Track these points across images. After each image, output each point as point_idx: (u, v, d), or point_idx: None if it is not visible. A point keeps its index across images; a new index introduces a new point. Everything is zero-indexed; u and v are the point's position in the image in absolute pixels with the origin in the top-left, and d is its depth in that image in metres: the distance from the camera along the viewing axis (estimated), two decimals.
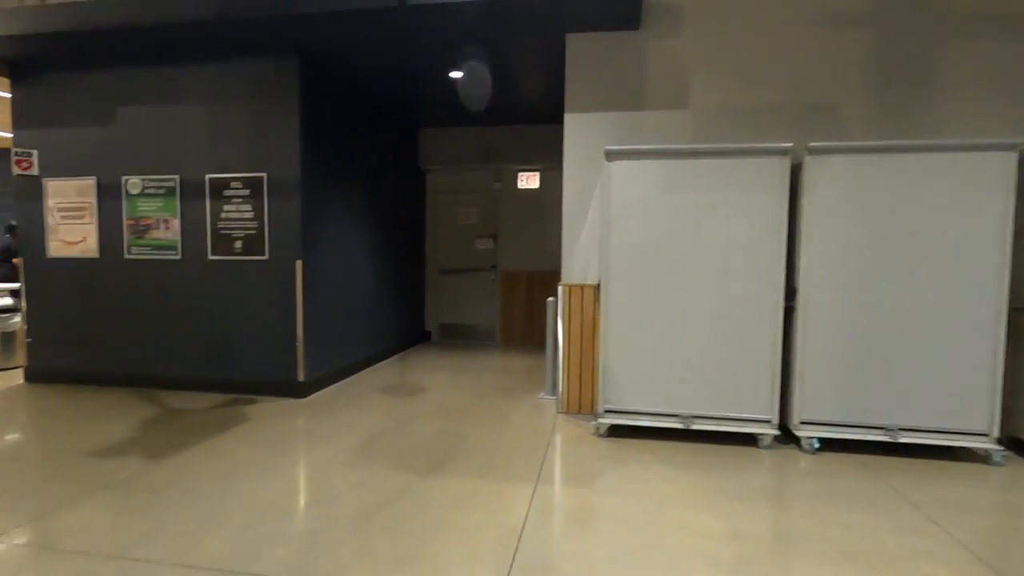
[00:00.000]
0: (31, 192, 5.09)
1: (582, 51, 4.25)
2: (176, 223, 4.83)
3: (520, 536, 2.45)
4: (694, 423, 3.67)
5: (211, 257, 4.77)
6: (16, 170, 5.00)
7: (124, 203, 4.92)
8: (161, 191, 4.84)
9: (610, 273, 3.73)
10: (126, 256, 4.95)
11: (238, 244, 4.71)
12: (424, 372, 5.81)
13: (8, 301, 5.76)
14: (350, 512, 2.66)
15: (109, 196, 4.96)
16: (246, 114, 4.66)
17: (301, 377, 4.67)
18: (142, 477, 3.06)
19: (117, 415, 4.18)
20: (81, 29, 4.24)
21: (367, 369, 5.87)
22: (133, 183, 4.89)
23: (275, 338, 4.69)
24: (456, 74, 5.08)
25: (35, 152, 5.04)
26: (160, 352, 4.91)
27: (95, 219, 4.99)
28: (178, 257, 4.83)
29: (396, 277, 6.72)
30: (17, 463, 3.25)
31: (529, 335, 7.36)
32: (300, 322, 4.64)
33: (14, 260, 6.72)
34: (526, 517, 2.62)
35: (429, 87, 5.58)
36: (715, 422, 3.65)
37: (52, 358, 5.17)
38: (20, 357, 5.85)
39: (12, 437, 3.72)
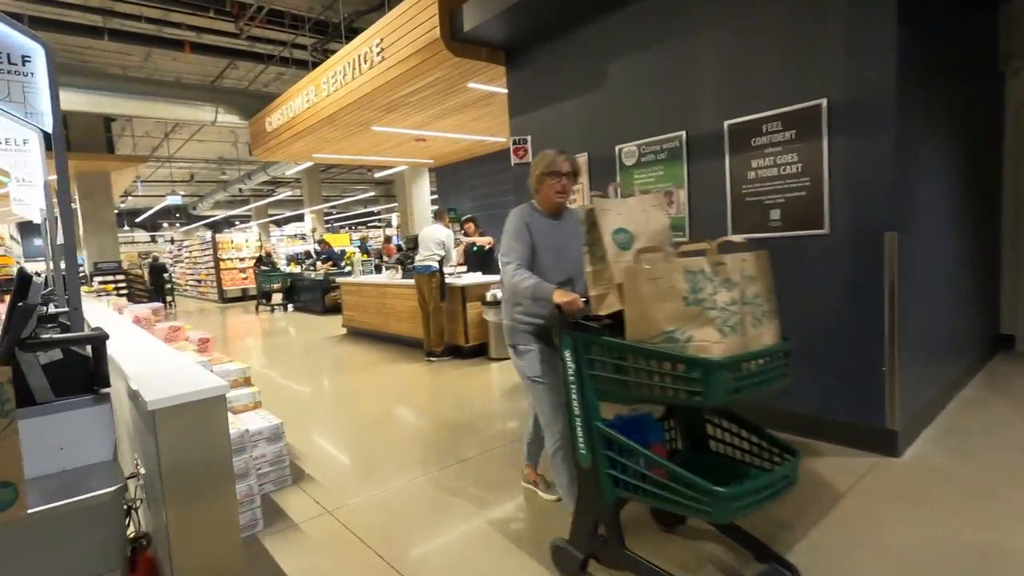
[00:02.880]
0: (526, 181, 4.86)
1: None
2: (682, 194, 3.70)
3: None
4: None
5: (731, 236, 3.43)
6: (514, 159, 4.83)
7: (617, 178, 4.10)
8: (662, 155, 3.79)
9: None
10: None
11: (774, 214, 3.22)
12: None
13: (498, 294, 5.93)
14: None
15: (601, 172, 4.23)
16: (784, 18, 3.09)
17: (893, 423, 2.87)
18: None
19: None
20: None
21: (953, 399, 3.64)
22: (628, 152, 4.00)
23: (839, 354, 3.03)
24: None
25: (528, 138, 4.76)
26: None
27: (585, 201, 4.36)
28: (684, 239, 3.71)
29: (973, 250, 4.18)
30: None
31: None
32: (891, 333, 2.83)
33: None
34: None
35: None
36: None
37: None
38: None
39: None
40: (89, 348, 1.93)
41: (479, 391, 4.89)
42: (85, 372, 1.93)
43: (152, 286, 14.61)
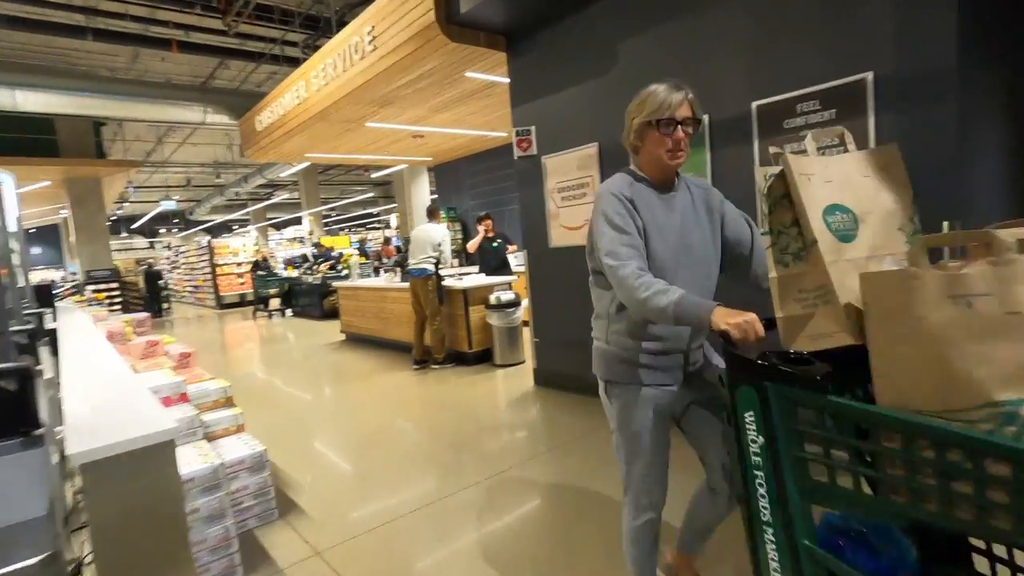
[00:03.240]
0: (530, 175, 4.53)
1: None
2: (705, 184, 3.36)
3: None
4: None
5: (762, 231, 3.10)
6: (517, 152, 4.50)
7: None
8: None
9: None
10: None
11: None
12: None
13: (511, 296, 5.61)
14: None
15: (611, 163, 3.90)
16: None
17: None
18: None
19: None
20: None
21: None
22: None
23: None
24: None
25: (532, 128, 4.42)
26: None
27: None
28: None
29: None
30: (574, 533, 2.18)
31: None
32: None
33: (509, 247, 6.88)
34: None
35: None
36: None
37: (556, 360, 4.56)
38: (523, 353, 5.70)
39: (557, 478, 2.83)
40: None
41: (484, 400, 4.57)
42: (20, 410, 1.61)
43: (147, 293, 14.31)
